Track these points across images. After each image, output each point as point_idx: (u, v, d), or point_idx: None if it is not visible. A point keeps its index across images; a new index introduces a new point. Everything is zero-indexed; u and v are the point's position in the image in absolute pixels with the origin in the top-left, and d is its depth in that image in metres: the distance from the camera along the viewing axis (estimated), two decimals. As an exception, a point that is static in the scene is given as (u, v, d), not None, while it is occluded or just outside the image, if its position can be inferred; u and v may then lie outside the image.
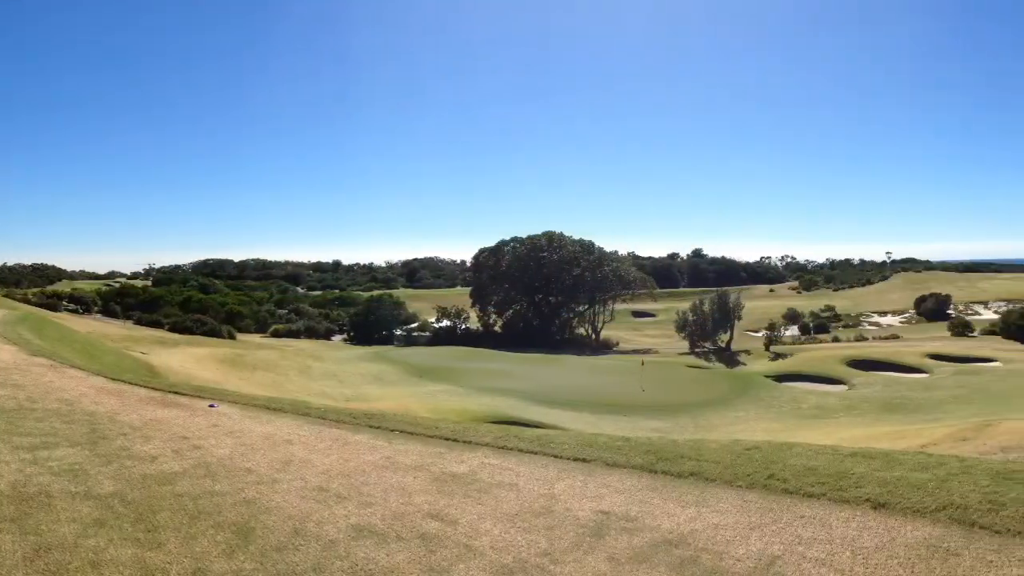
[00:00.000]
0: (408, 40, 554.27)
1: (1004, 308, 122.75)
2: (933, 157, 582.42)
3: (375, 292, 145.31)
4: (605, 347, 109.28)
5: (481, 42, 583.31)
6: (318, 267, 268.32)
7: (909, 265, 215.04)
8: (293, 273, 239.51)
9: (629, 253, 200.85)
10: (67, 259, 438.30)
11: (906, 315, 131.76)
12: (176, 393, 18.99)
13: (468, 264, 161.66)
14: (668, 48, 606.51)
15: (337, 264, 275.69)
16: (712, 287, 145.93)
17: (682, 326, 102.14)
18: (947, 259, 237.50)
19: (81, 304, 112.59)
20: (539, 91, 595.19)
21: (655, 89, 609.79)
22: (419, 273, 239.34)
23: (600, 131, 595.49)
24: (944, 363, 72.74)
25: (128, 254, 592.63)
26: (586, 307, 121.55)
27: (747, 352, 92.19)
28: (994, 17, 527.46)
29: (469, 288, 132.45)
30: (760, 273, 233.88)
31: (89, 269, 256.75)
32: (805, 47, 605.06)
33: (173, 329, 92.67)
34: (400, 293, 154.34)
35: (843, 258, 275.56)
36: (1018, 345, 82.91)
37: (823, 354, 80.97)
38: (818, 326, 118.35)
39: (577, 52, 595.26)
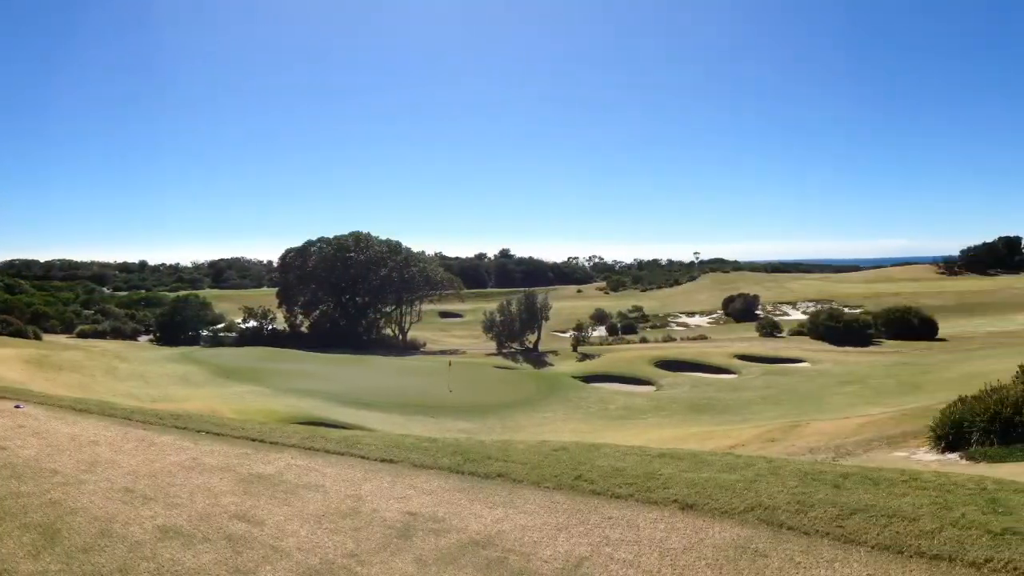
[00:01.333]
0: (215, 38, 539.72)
1: (812, 308, 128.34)
2: (740, 157, 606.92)
3: (181, 292, 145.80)
4: (412, 348, 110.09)
5: (282, 36, 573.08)
6: (124, 267, 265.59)
7: (717, 265, 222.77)
8: (99, 274, 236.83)
9: (436, 253, 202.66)
10: None
11: (714, 315, 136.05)
12: (-20, 394, 18.44)
13: (275, 264, 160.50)
14: (472, 47, 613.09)
15: (143, 264, 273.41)
16: (520, 287, 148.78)
17: (489, 327, 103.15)
18: (755, 259, 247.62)
19: None
20: (345, 89, 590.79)
21: (461, 89, 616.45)
22: (226, 273, 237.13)
23: (407, 131, 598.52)
24: (752, 364, 75.43)
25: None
26: (393, 307, 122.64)
27: (555, 353, 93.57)
28: (794, 14, 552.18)
29: (276, 288, 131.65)
30: (568, 273, 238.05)
31: None
32: (612, 47, 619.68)
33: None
34: (206, 293, 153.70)
35: (651, 258, 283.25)
36: (826, 345, 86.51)
37: (631, 355, 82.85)
38: (626, 327, 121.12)
39: (382, 52, 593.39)
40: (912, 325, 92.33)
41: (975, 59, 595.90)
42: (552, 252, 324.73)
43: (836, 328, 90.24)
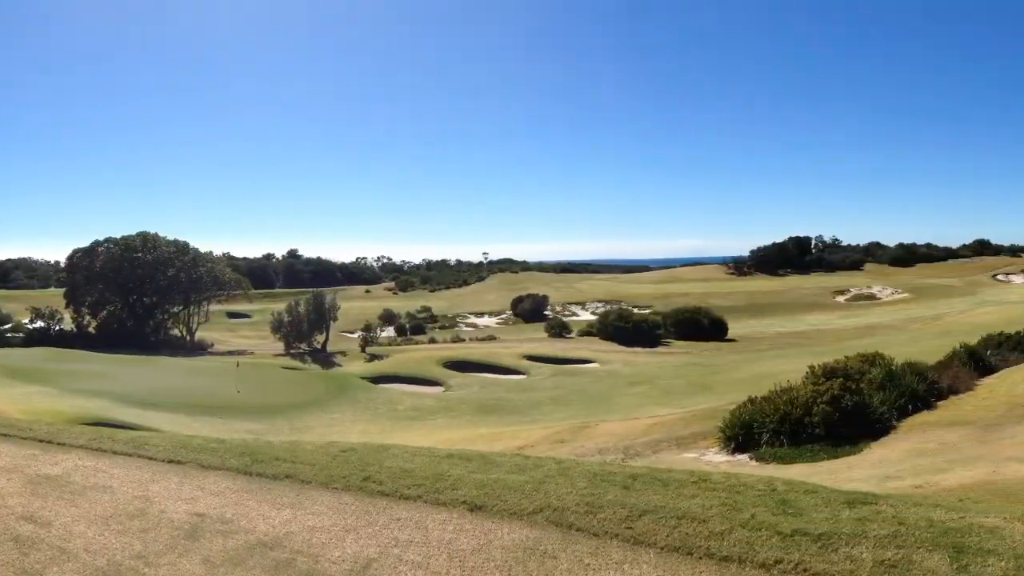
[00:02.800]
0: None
1: (601, 309, 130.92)
2: (531, 157, 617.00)
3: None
4: (200, 348, 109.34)
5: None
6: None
7: (506, 266, 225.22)
8: None
9: (224, 254, 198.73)
10: None
11: (503, 316, 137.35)
12: None
13: (63, 265, 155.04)
14: (239, 49, 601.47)
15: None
16: (308, 288, 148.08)
17: (277, 327, 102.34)
18: (545, 260, 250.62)
19: None
20: (127, 89, 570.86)
21: (238, 85, 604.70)
22: (13, 274, 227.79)
23: (189, 129, 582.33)
24: (541, 364, 76.51)
25: None
26: (181, 308, 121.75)
27: (343, 353, 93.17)
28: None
29: (64, 289, 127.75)
30: (356, 274, 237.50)
31: None
32: (401, 43, 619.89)
33: None
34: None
35: (440, 259, 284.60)
36: (615, 346, 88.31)
37: (420, 355, 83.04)
38: (415, 327, 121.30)
39: (159, 49, 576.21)
40: (702, 325, 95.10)
41: (750, 57, 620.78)
42: (341, 252, 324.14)
43: (625, 328, 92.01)
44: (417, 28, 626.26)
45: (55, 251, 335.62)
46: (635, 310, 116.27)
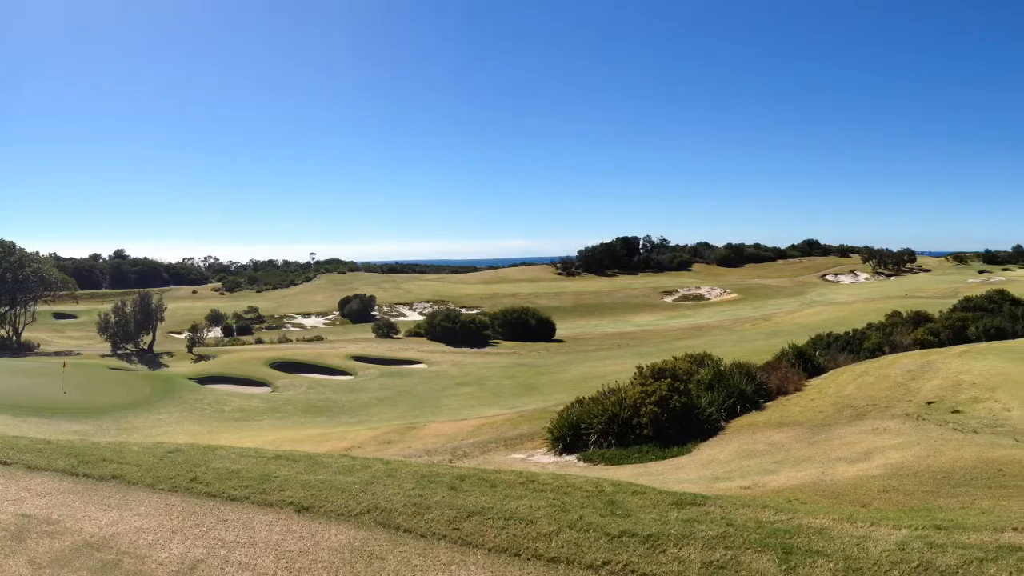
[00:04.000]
0: None
1: (429, 309, 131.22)
2: (355, 158, 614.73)
3: None
4: (26, 349, 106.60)
5: None
6: None
7: (333, 266, 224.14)
8: None
9: (51, 254, 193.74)
10: None
11: (330, 316, 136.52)
12: None
13: None
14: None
15: None
16: (135, 288, 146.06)
17: (104, 328, 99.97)
18: (372, 260, 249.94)
19: None
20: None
21: (63, 84, 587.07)
22: None
23: (10, 127, 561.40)
24: (369, 365, 76.18)
25: None
26: (7, 308, 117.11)
27: (170, 354, 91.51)
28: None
29: None
30: (183, 274, 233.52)
31: None
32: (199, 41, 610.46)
33: None
34: None
35: (267, 259, 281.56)
36: (443, 347, 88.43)
37: (247, 355, 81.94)
38: (242, 328, 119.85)
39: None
40: (529, 326, 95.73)
41: (573, 55, 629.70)
42: (167, 253, 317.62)
43: (453, 329, 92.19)
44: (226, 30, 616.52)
45: None
46: (463, 311, 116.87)
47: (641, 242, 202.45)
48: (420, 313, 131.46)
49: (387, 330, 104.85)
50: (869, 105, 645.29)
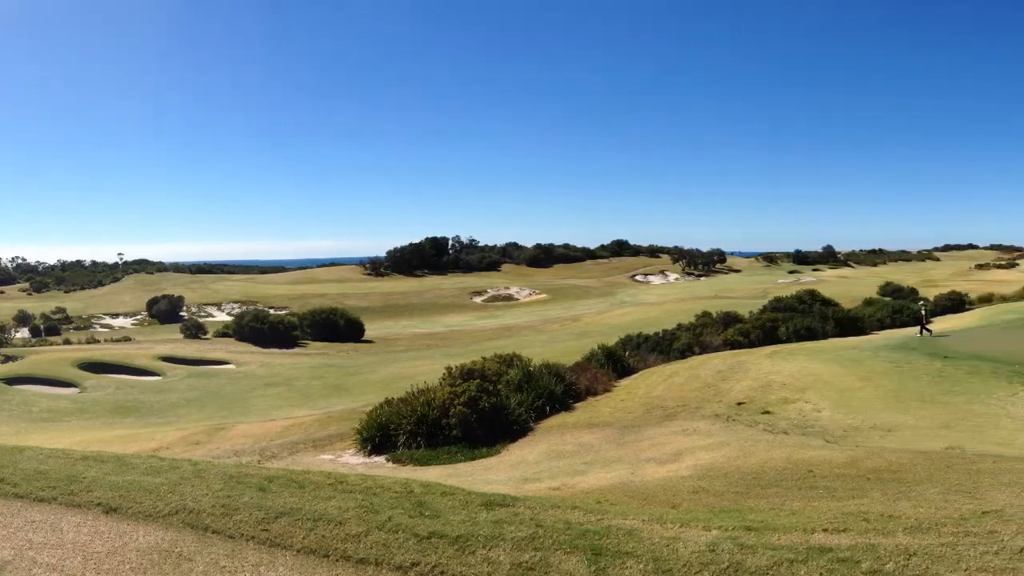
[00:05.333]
0: None
1: (237, 310, 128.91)
2: (154, 157, 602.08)
3: None
4: None
5: None
6: None
7: (142, 267, 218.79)
8: None
9: None
10: None
11: (139, 317, 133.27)
12: None
13: None
14: None
15: None
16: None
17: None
18: (181, 260, 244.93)
19: None
20: None
21: None
22: None
23: None
24: (177, 365, 74.65)
25: None
26: None
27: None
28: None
29: None
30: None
31: None
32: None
33: None
34: None
35: (75, 260, 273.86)
36: (251, 347, 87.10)
37: (55, 356, 79.41)
38: (49, 328, 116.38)
39: None
40: (338, 327, 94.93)
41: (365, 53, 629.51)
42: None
43: (261, 330, 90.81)
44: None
45: None
46: (271, 311, 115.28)
47: (450, 242, 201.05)
48: (229, 314, 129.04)
49: (195, 330, 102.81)
50: (675, 104, 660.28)
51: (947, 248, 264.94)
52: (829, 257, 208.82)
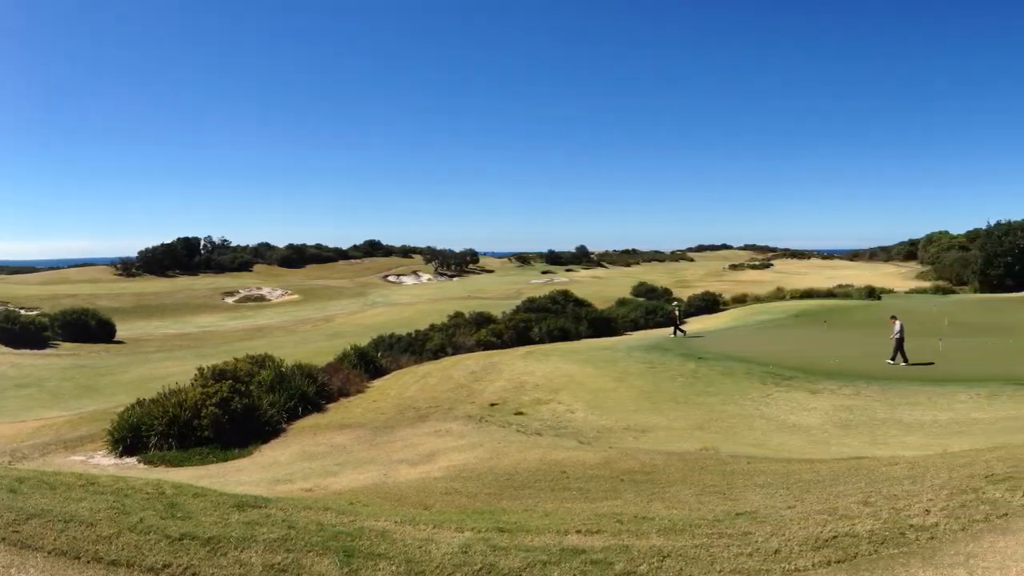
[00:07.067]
0: None
1: None
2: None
3: None
4: None
5: None
6: None
7: None
8: None
9: None
10: None
11: None
12: None
13: None
14: None
15: None
16: None
17: None
18: None
19: None
20: None
21: None
22: None
23: None
24: None
25: None
26: None
27: None
28: None
29: None
30: None
31: None
32: None
33: None
34: None
35: None
36: (2, 348, 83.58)
37: None
38: None
39: None
40: (89, 327, 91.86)
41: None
42: None
43: (12, 330, 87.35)
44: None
45: None
46: (23, 311, 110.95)
47: (202, 243, 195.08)
48: None
49: None
50: (418, 104, 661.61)
51: (701, 248, 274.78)
52: (582, 257, 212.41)
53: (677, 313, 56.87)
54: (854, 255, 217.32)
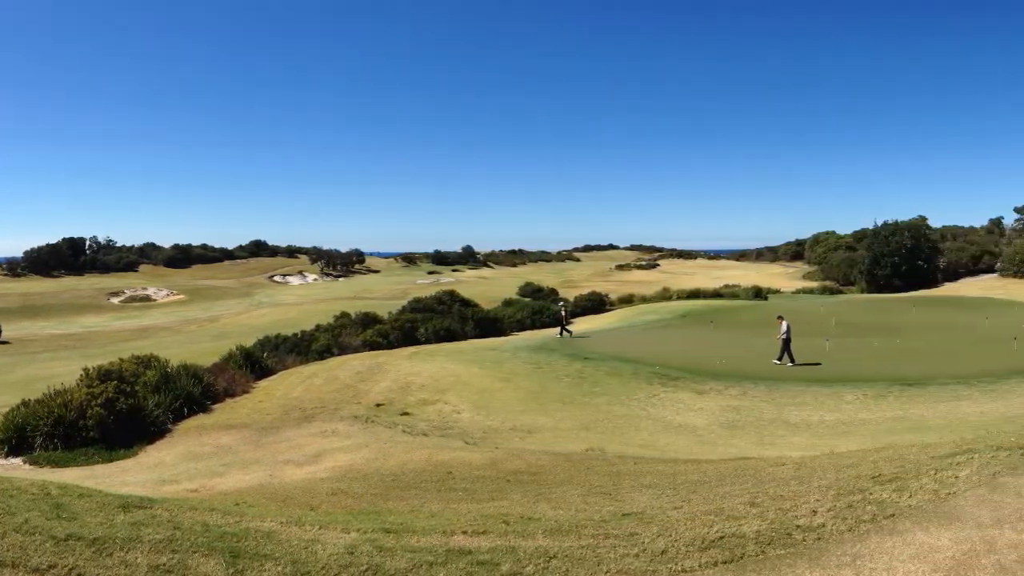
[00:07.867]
0: None
1: None
2: None
3: None
4: None
5: None
6: None
7: None
8: None
9: None
10: None
11: None
12: None
13: None
14: None
15: None
16: None
17: None
18: None
19: None
20: None
21: None
22: None
23: None
24: None
25: None
26: None
27: None
28: None
29: None
30: None
31: None
32: None
33: None
34: None
35: None
36: None
37: None
38: None
39: None
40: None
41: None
42: None
43: None
44: None
45: None
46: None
47: (88, 243, 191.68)
48: None
49: None
50: (301, 102, 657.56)
51: (588, 248, 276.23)
52: (468, 257, 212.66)
53: (563, 313, 57.27)
54: (741, 255, 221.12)
